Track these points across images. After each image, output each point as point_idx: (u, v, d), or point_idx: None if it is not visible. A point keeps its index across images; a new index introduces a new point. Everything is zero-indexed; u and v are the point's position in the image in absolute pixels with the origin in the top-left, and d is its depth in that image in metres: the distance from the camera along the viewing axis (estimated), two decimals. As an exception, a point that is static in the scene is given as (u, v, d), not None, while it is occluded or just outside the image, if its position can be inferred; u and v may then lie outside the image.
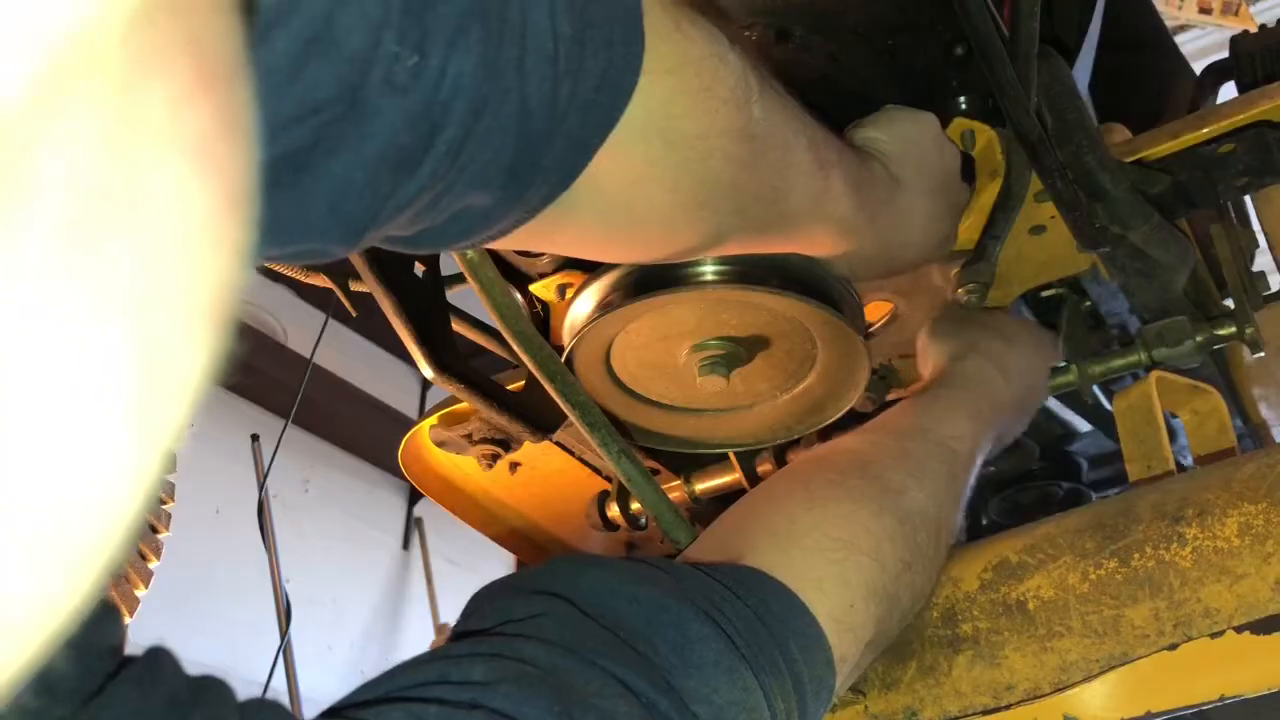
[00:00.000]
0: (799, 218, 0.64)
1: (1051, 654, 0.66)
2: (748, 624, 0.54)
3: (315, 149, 0.38)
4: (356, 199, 0.40)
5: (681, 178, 0.55)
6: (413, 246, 0.49)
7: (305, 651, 2.79)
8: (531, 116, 0.44)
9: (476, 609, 0.54)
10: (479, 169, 0.44)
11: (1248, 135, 0.76)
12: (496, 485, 1.07)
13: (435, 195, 0.44)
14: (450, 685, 0.44)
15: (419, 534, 3.75)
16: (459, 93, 0.40)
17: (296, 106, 0.36)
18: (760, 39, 0.82)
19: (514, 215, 0.49)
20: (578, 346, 0.77)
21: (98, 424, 0.18)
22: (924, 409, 0.76)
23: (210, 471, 2.93)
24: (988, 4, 0.71)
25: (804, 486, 0.68)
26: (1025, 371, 0.83)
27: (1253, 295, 0.89)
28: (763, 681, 0.52)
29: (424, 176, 0.42)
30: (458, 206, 0.46)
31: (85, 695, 0.32)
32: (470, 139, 0.42)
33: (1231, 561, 0.63)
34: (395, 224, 0.44)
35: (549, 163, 0.47)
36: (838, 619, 0.59)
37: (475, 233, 0.49)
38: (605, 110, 0.47)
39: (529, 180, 0.47)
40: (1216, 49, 2.25)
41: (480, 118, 0.42)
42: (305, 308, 3.24)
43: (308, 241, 0.41)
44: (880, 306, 0.90)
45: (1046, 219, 0.83)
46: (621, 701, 0.47)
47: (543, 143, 0.45)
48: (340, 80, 0.37)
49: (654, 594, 0.53)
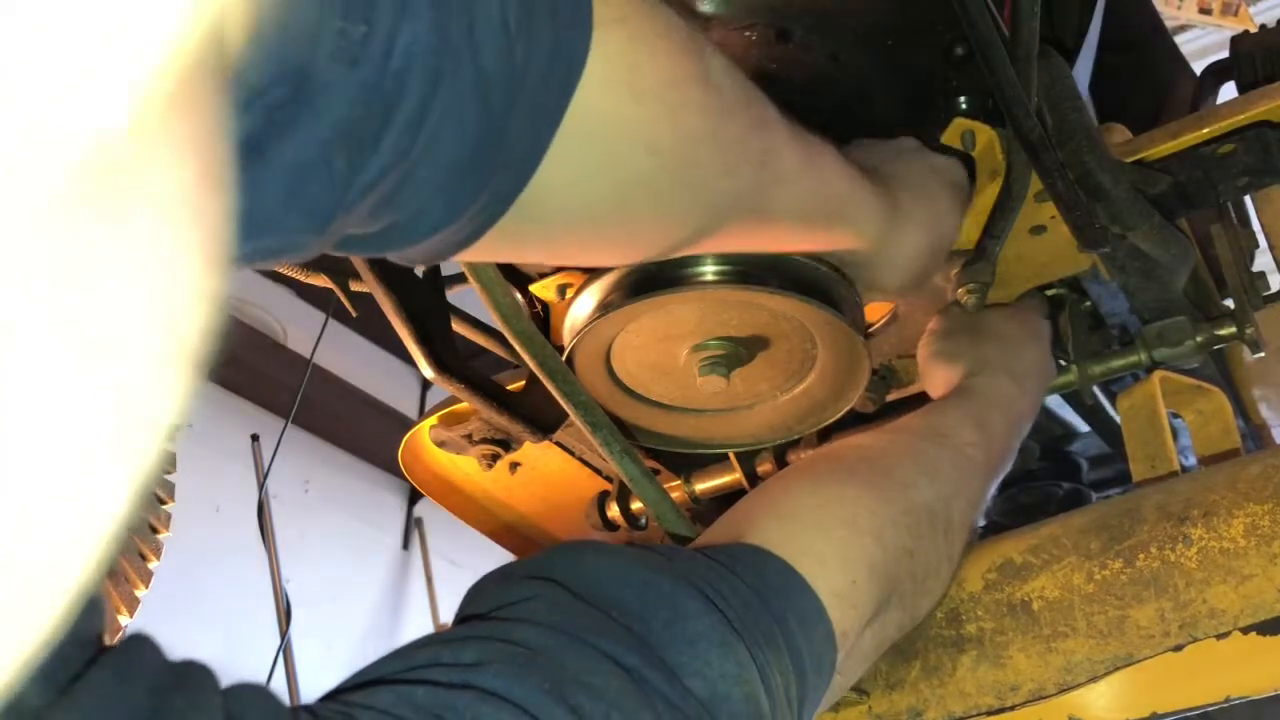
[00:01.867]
0: (797, 189, 0.62)
1: (1056, 654, 0.66)
2: (743, 599, 0.54)
3: (266, 134, 0.37)
4: (315, 181, 0.39)
5: (660, 133, 0.52)
6: (382, 247, 0.48)
7: (305, 651, 2.79)
8: (490, 85, 0.42)
9: (473, 597, 0.54)
10: (443, 147, 0.42)
11: (1248, 135, 0.76)
12: (496, 485, 1.07)
13: (400, 177, 0.42)
14: (441, 667, 0.44)
15: (419, 534, 3.75)
16: (412, 61, 0.39)
17: (243, 91, 0.35)
18: (760, 39, 0.82)
19: (485, 205, 0.47)
20: (578, 346, 0.77)
21: (76, 435, 0.18)
22: (939, 416, 0.76)
23: (210, 471, 2.93)
24: (988, 4, 0.71)
25: (810, 474, 0.68)
26: (1032, 370, 0.83)
27: (1253, 295, 0.89)
28: (757, 655, 0.52)
29: (386, 153, 0.41)
30: (425, 195, 0.45)
31: (62, 683, 0.32)
32: (430, 112, 0.41)
33: (1237, 562, 0.63)
34: (362, 210, 0.43)
35: (513, 138, 0.45)
36: (839, 594, 0.59)
37: (444, 225, 0.47)
38: (564, 67, 0.46)
39: (495, 160, 0.45)
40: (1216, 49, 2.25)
41: (437, 88, 0.41)
42: (305, 308, 3.24)
43: (271, 234, 0.40)
44: (880, 306, 0.90)
45: (1046, 219, 0.83)
46: (612, 678, 0.46)
47: (505, 115, 0.44)
48: (285, 60, 0.36)
49: (645, 573, 0.53)
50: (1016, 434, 0.79)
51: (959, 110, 0.83)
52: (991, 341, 0.82)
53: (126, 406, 0.19)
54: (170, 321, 0.20)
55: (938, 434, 0.73)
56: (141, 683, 0.34)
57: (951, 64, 0.83)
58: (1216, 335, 0.86)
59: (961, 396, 0.78)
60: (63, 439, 0.18)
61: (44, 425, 0.18)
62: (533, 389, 0.89)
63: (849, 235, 0.69)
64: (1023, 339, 0.84)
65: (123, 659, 0.34)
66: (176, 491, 2.40)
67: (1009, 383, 0.79)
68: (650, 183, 0.54)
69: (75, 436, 0.19)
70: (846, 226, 0.69)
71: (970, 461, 0.72)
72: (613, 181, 0.53)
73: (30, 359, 0.17)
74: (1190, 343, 0.85)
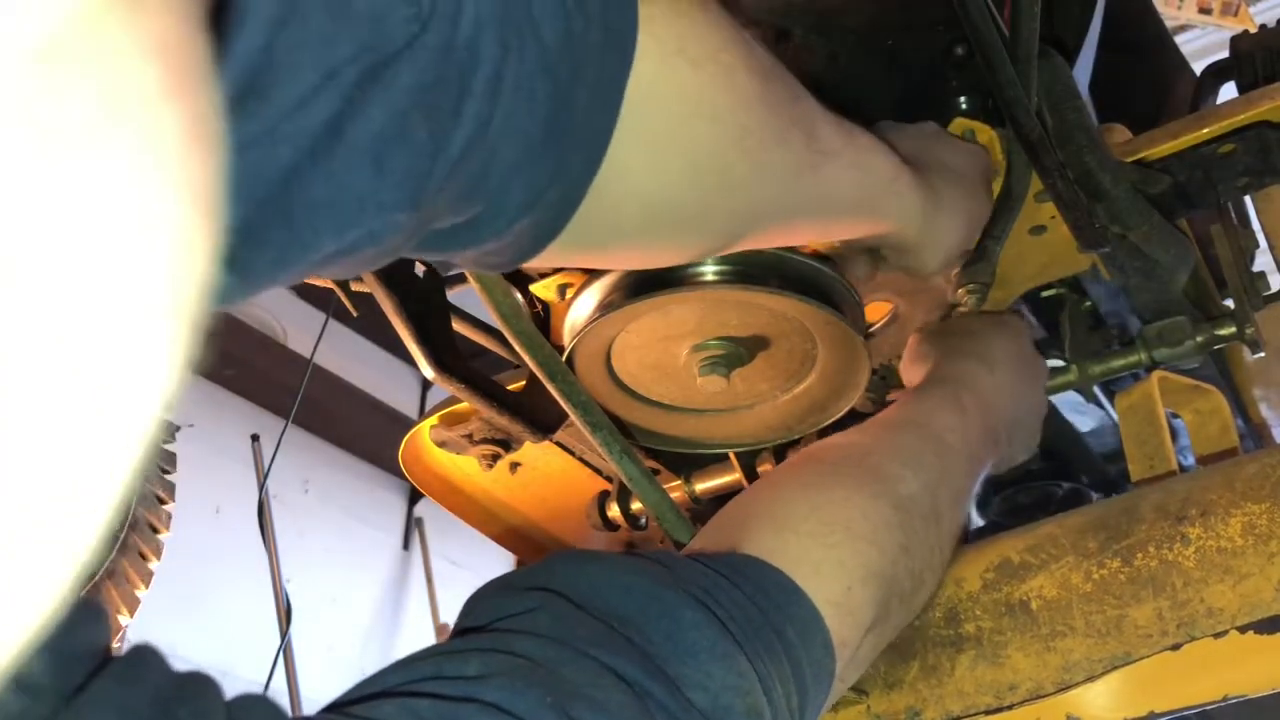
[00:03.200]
0: (843, 166, 0.61)
1: (1054, 654, 0.66)
2: (743, 610, 0.54)
3: (344, 115, 0.37)
4: (400, 152, 0.39)
5: (719, 98, 0.52)
6: (467, 241, 0.47)
7: (305, 651, 2.79)
8: (554, 60, 0.42)
9: (473, 607, 0.54)
10: (517, 122, 0.42)
11: (1248, 135, 0.76)
12: (496, 485, 1.08)
13: (483, 158, 0.42)
14: (444, 680, 0.44)
15: (419, 534, 3.75)
16: (481, 28, 0.39)
17: (316, 75, 0.35)
18: (760, 39, 0.82)
19: (563, 190, 0.47)
20: (578, 346, 0.77)
21: (66, 430, 0.18)
22: (913, 404, 0.77)
23: (210, 471, 2.93)
24: (988, 4, 0.71)
25: (798, 476, 0.68)
26: (1000, 357, 0.83)
27: (1253, 295, 0.89)
28: (758, 666, 0.52)
29: (468, 123, 0.41)
30: (504, 176, 0.44)
31: (66, 694, 0.32)
32: (503, 81, 0.41)
33: (1235, 561, 0.63)
34: (450, 194, 0.42)
35: (581, 115, 0.45)
36: (835, 603, 0.59)
37: (525, 211, 0.46)
38: (619, 40, 0.46)
39: (567, 137, 0.45)
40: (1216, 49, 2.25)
41: (507, 56, 0.41)
42: (305, 308, 3.24)
43: (365, 218, 0.39)
44: (880, 306, 0.90)
45: (1046, 219, 0.83)
46: (614, 690, 0.47)
47: (571, 89, 0.44)
48: (355, 38, 0.36)
49: (646, 584, 0.53)
50: (992, 414, 0.79)
51: (959, 110, 0.83)
52: (959, 334, 0.84)
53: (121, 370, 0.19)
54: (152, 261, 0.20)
55: (915, 424, 0.74)
56: (145, 693, 0.34)
57: (951, 64, 0.83)
58: (1216, 335, 0.86)
59: (932, 383, 0.79)
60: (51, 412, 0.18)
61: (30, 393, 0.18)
62: (533, 389, 0.89)
63: (892, 218, 0.69)
64: (989, 330, 0.85)
65: (127, 670, 0.34)
66: (176, 491, 2.41)
67: (978, 365, 0.81)
68: (717, 153, 0.53)
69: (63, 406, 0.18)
70: (891, 208, 0.68)
71: (949, 446, 0.73)
72: (683, 157, 0.52)
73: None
74: (1190, 343, 0.86)
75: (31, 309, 0.17)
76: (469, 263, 0.52)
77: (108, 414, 0.19)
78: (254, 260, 0.37)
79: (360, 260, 0.42)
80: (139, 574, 2.24)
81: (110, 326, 0.19)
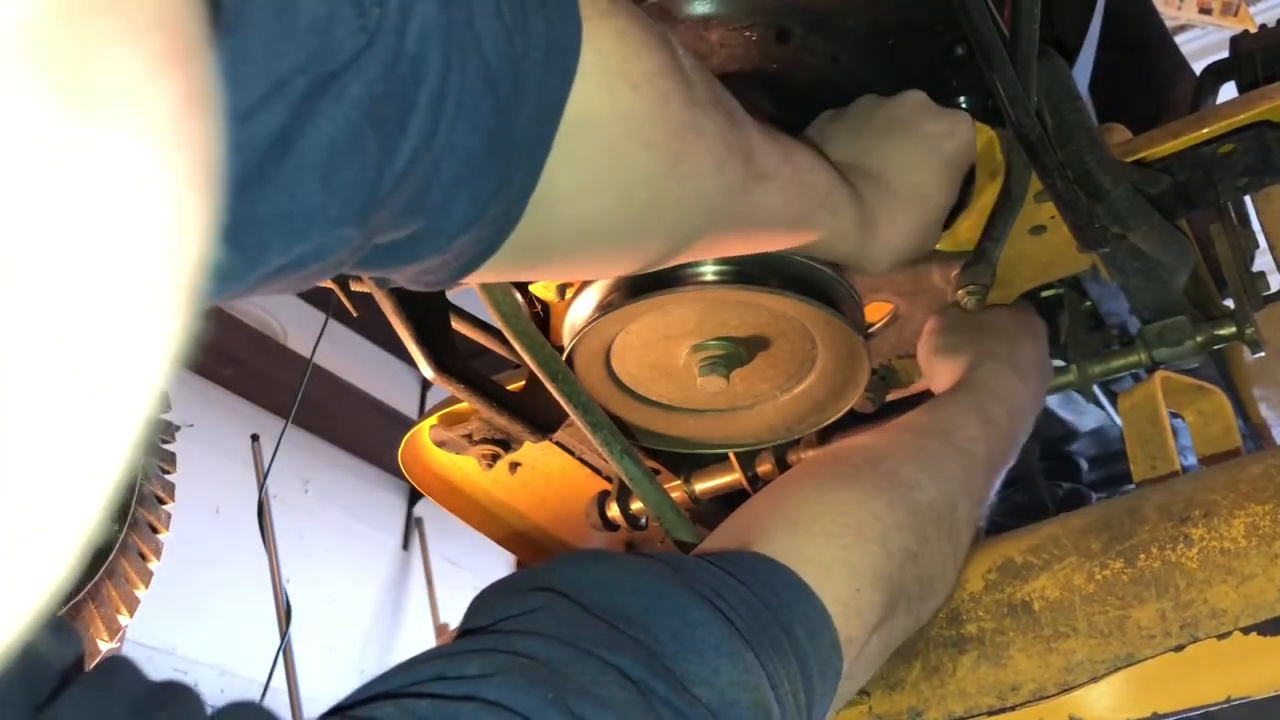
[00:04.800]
0: (779, 186, 0.62)
1: (1057, 655, 0.66)
2: (750, 608, 0.54)
3: (292, 127, 0.36)
4: (349, 165, 0.38)
5: (654, 124, 0.52)
6: (410, 257, 0.47)
7: (305, 652, 2.79)
8: (495, 75, 0.43)
9: (478, 609, 0.54)
10: (460, 137, 0.42)
11: (1248, 135, 0.76)
12: (496, 485, 1.08)
13: (426, 170, 0.42)
14: (446, 681, 0.44)
15: (419, 534, 3.76)
16: (427, 42, 0.39)
17: (264, 86, 0.35)
18: (760, 39, 0.81)
19: (502, 206, 0.47)
20: (578, 346, 0.77)
21: (47, 440, 0.18)
22: (942, 411, 0.76)
23: (210, 471, 2.94)
24: (988, 4, 0.71)
25: (815, 477, 0.68)
26: (1032, 363, 0.83)
27: (1253, 295, 0.89)
28: (766, 664, 0.52)
29: (413, 137, 0.40)
30: (448, 189, 0.44)
31: (40, 703, 0.32)
32: (447, 96, 0.41)
33: (1238, 562, 0.63)
34: (394, 206, 0.42)
35: (521, 131, 0.45)
36: (844, 603, 0.59)
37: (467, 225, 0.46)
38: (560, 58, 0.46)
39: (508, 152, 0.45)
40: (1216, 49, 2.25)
41: (450, 71, 0.41)
42: (305, 308, 3.24)
43: (313, 233, 0.39)
44: (880, 306, 0.90)
45: (1046, 219, 0.83)
46: (617, 688, 0.46)
47: (512, 105, 0.44)
48: (303, 48, 0.36)
49: (652, 583, 0.53)
50: (1019, 427, 0.79)
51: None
52: (992, 335, 0.83)
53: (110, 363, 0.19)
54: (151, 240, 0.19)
55: (941, 430, 0.73)
56: (120, 702, 0.34)
57: (951, 64, 0.83)
58: (1216, 335, 0.86)
59: (964, 389, 0.78)
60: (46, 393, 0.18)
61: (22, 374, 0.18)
62: (533, 389, 0.89)
63: (826, 229, 0.69)
64: (1022, 334, 0.85)
65: (101, 680, 0.34)
66: (176, 491, 2.41)
67: (1011, 374, 0.80)
68: (651, 179, 0.53)
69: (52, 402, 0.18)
70: (825, 222, 0.69)
71: (973, 458, 0.72)
72: (617, 181, 0.52)
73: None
74: (1190, 343, 0.85)
75: (27, 300, 0.17)
76: (407, 279, 0.51)
77: (105, 413, 0.19)
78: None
79: (304, 276, 0.42)
80: (139, 574, 2.24)
81: (107, 315, 0.19)
